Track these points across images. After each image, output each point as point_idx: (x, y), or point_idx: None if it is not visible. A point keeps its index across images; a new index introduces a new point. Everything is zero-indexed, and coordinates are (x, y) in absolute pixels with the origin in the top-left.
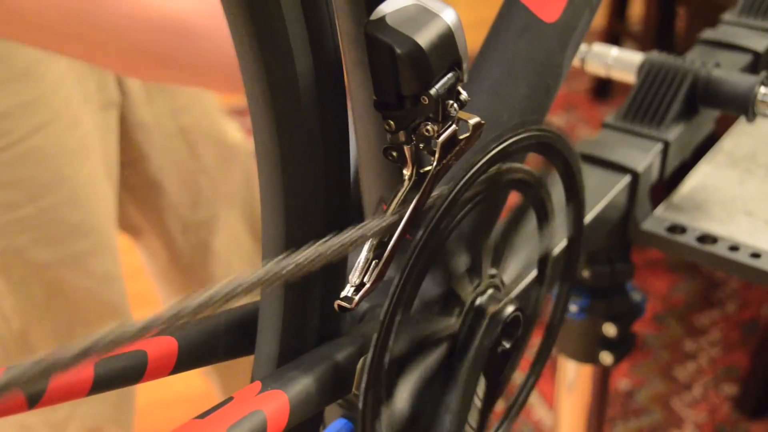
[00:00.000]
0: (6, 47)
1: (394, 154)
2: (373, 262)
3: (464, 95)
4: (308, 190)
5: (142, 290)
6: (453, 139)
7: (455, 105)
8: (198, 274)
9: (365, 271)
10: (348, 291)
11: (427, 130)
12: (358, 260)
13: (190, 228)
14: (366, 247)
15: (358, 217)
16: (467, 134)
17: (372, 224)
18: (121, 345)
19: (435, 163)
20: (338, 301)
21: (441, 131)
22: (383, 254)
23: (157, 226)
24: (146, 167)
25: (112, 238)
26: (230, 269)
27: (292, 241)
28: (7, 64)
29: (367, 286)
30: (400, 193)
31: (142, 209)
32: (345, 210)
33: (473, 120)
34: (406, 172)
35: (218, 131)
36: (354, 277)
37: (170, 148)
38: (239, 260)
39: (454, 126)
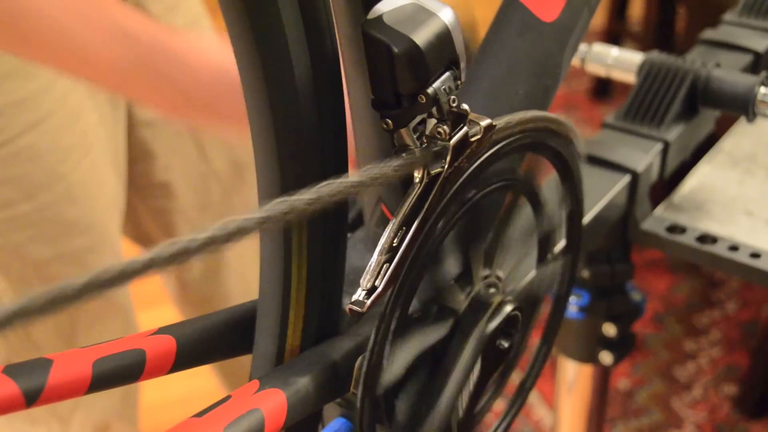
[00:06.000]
0: None
1: (405, 156)
2: (385, 266)
3: (464, 107)
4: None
5: (146, 290)
6: (464, 141)
7: (453, 104)
8: (212, 287)
9: (377, 274)
10: (360, 295)
11: (439, 133)
12: (369, 263)
13: None
14: (377, 250)
15: (359, 224)
16: (478, 136)
17: (370, 172)
18: (122, 281)
19: (446, 166)
20: (350, 305)
21: (452, 133)
22: (394, 258)
23: (168, 232)
24: (153, 166)
25: (114, 235)
26: (245, 283)
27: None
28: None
29: (379, 289)
30: (411, 197)
31: (152, 213)
32: (344, 211)
33: (484, 122)
34: (417, 175)
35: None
36: (365, 281)
37: (178, 148)
38: (254, 275)
39: (465, 128)
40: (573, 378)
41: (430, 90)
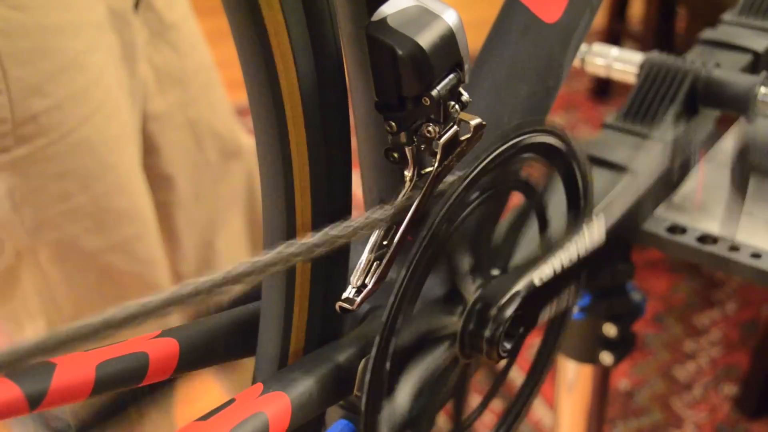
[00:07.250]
0: (53, 39)
1: (395, 155)
2: (375, 264)
3: (465, 96)
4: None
5: None
6: (454, 140)
7: (457, 106)
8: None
9: (366, 272)
10: (350, 292)
11: (429, 132)
12: (359, 262)
13: (194, 224)
14: (367, 248)
15: None
16: (468, 135)
17: (375, 215)
18: (139, 321)
19: (436, 165)
20: (340, 303)
21: (442, 132)
22: (384, 256)
23: (165, 225)
24: (158, 160)
25: (154, 223)
26: None
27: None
28: (57, 56)
29: (369, 287)
30: (401, 195)
31: (154, 204)
32: (346, 213)
33: (474, 121)
34: (408, 174)
35: (223, 126)
36: (355, 279)
37: (179, 141)
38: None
39: (455, 127)
40: (573, 378)
41: (434, 92)
